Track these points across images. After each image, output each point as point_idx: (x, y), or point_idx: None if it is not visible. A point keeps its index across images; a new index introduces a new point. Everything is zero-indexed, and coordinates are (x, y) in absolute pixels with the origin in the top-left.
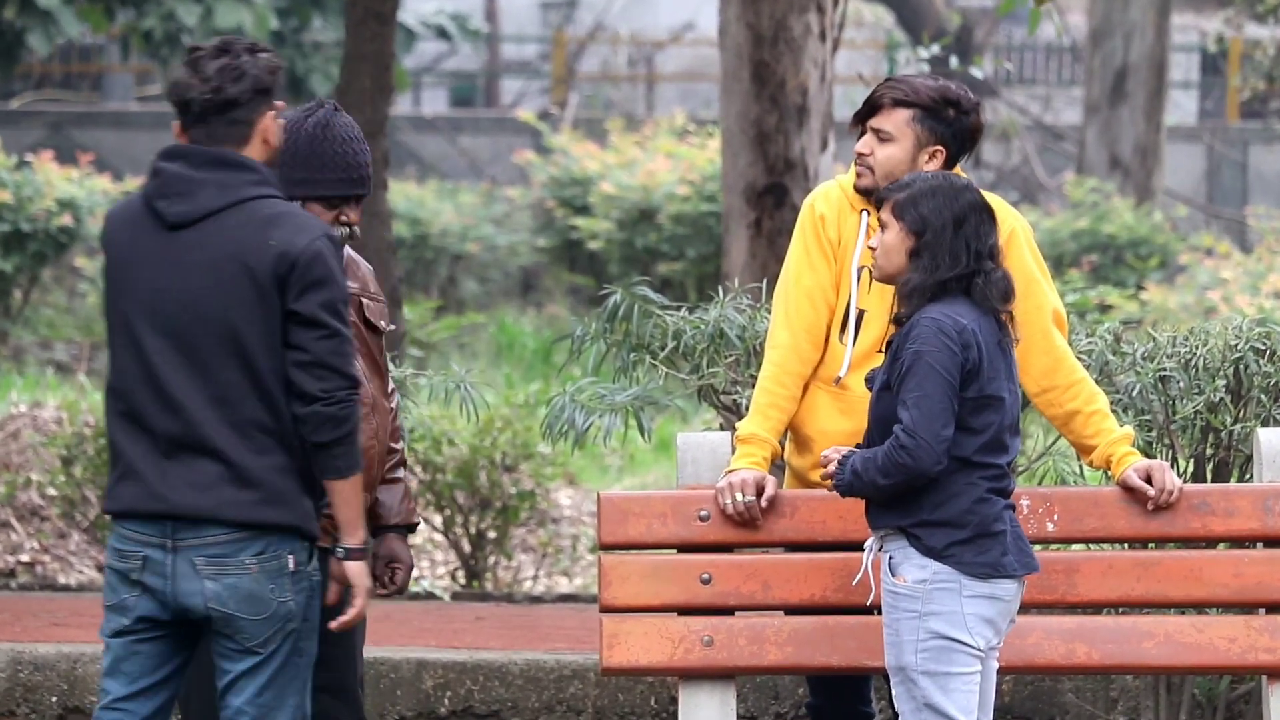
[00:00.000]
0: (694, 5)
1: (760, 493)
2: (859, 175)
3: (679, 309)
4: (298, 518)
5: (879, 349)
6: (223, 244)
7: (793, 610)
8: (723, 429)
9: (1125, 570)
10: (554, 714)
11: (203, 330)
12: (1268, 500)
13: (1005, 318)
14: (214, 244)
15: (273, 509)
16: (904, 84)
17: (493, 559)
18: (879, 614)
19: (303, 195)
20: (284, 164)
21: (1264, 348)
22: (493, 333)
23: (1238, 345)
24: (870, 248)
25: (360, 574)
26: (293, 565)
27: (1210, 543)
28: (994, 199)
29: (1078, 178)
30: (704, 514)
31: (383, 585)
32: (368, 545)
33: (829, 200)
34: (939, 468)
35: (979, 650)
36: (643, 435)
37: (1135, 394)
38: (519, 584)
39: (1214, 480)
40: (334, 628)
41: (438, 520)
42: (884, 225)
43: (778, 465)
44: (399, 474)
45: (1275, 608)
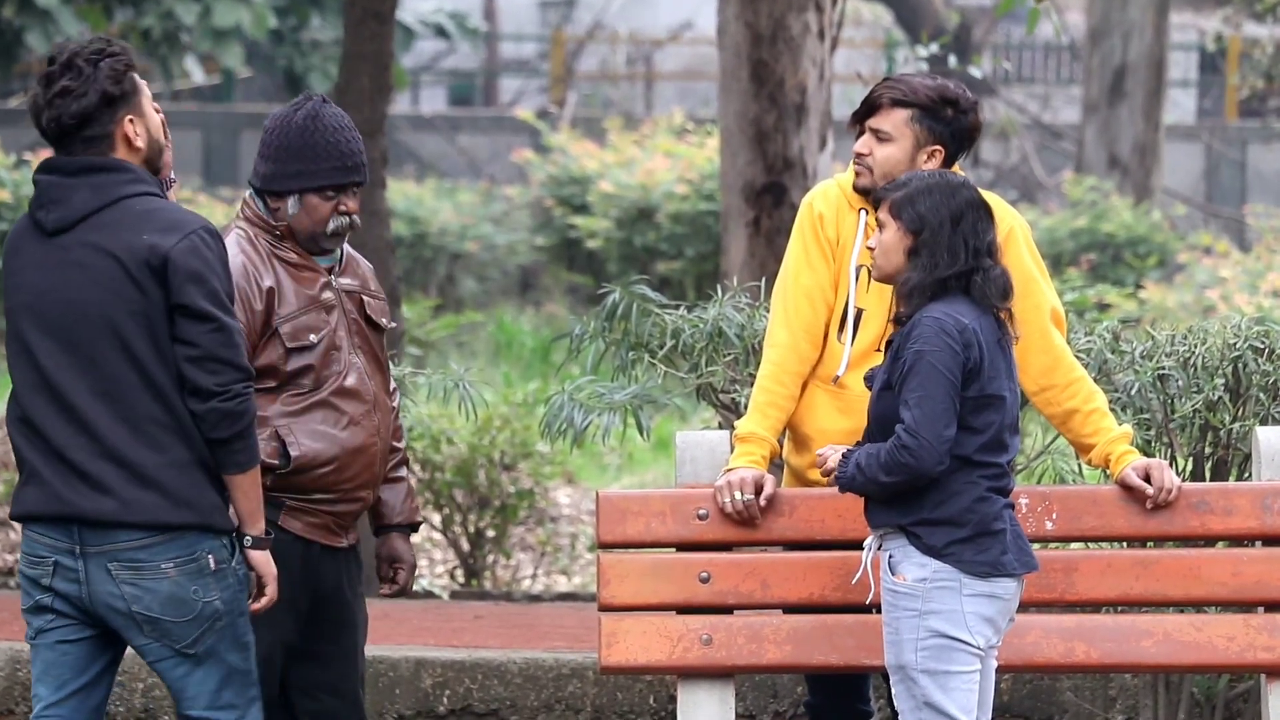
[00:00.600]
0: (692, 4)
1: (759, 491)
2: (858, 175)
3: (677, 308)
4: (204, 516)
5: (877, 348)
6: (98, 243)
7: (791, 609)
8: (721, 427)
9: (1124, 569)
10: (553, 713)
11: (86, 330)
12: (1266, 499)
13: (1004, 316)
14: (90, 244)
15: (178, 509)
16: (902, 83)
17: (491, 558)
18: (878, 613)
19: (299, 188)
20: (278, 158)
21: (1262, 346)
22: (491, 331)
23: (1236, 344)
24: (869, 248)
25: (265, 562)
26: (214, 564)
27: (1209, 541)
28: (992, 198)
29: (1076, 176)
30: (703, 513)
31: (387, 584)
32: (270, 534)
33: (827, 199)
34: (941, 467)
35: (978, 649)
36: (641, 434)
37: (1134, 392)
38: (518, 583)
39: (1213, 479)
40: (254, 610)
41: (436, 519)
42: (881, 225)
43: (776, 464)
44: (401, 473)
45: (1274, 606)
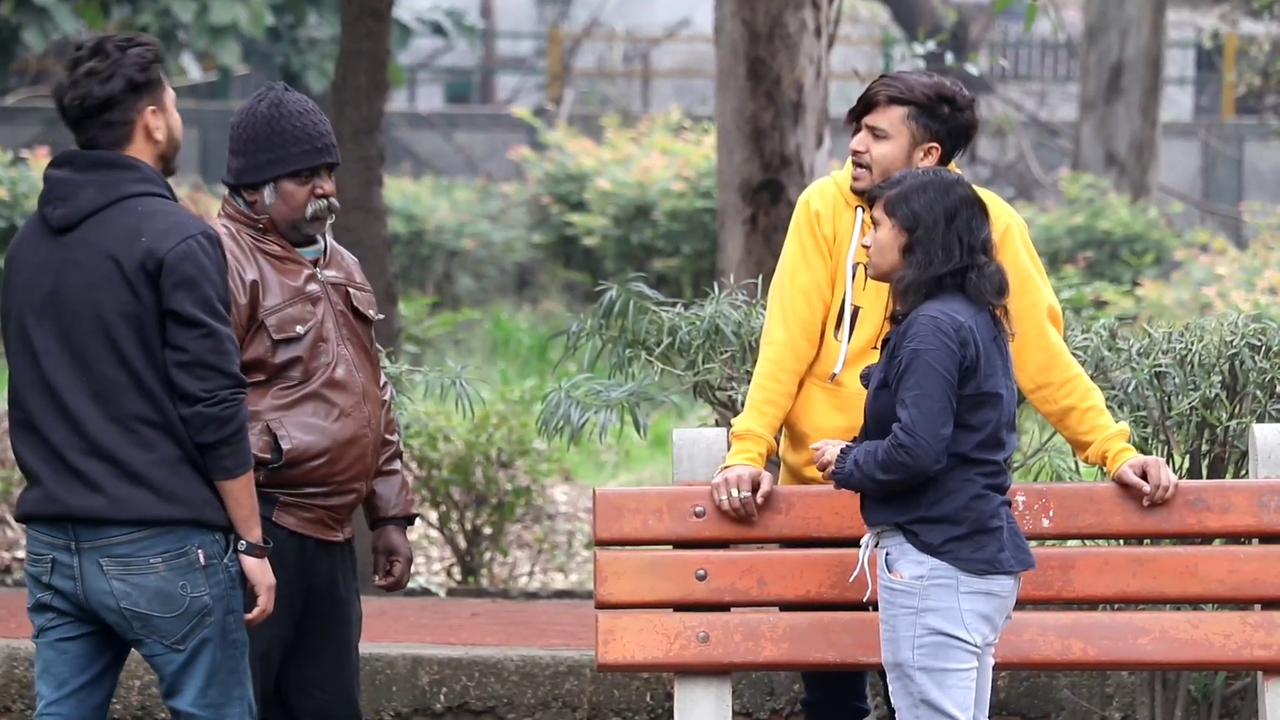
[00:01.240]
0: (690, 2)
1: (756, 489)
2: (856, 179)
3: (674, 305)
4: (195, 510)
5: (874, 345)
6: (99, 242)
7: (788, 606)
8: (718, 425)
9: (1121, 566)
10: (549, 710)
11: (82, 329)
12: (1263, 496)
13: (1000, 313)
14: (92, 243)
15: (167, 505)
16: (899, 81)
17: (488, 555)
18: (875, 610)
19: (274, 175)
20: (248, 150)
21: (1259, 344)
22: (488, 329)
23: (1233, 341)
24: (864, 246)
25: (260, 570)
26: (203, 559)
27: (1205, 538)
28: (989, 195)
29: (1073, 174)
30: (699, 510)
31: (382, 577)
32: (268, 542)
33: (824, 197)
34: (938, 466)
35: (975, 646)
36: (638, 431)
37: (1131, 390)
38: (514, 580)
39: (1209, 476)
40: (247, 622)
41: (433, 516)
42: (876, 223)
43: (773, 461)
44: (395, 466)
45: (1270, 603)
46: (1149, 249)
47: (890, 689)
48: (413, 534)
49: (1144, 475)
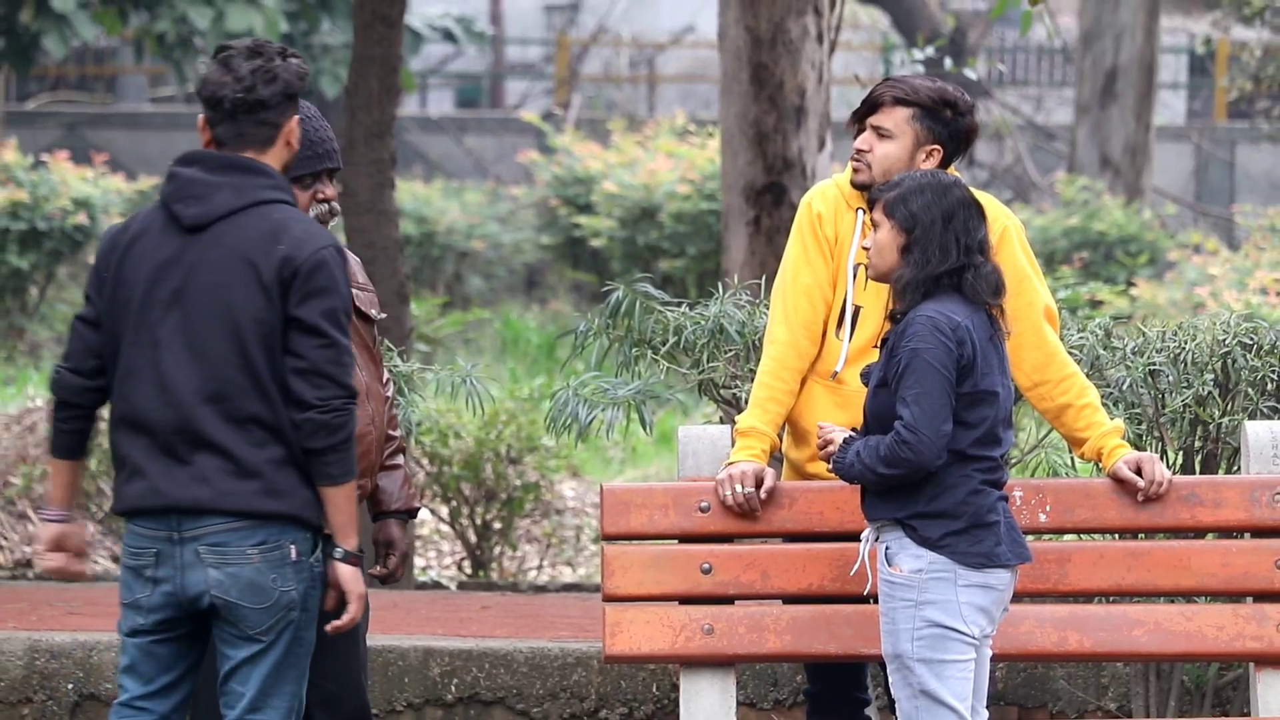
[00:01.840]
0: (694, 8)
1: (759, 484)
2: (856, 170)
3: (680, 305)
4: (297, 507)
5: (874, 344)
6: (234, 245)
7: (791, 599)
8: (723, 422)
9: (1116, 560)
10: (558, 701)
11: (209, 328)
12: (1254, 491)
13: (996, 312)
14: (226, 245)
15: (271, 499)
16: (904, 83)
17: (498, 549)
18: (875, 603)
19: None
20: None
21: (1251, 342)
22: (498, 328)
23: (1225, 340)
24: (864, 248)
25: (354, 578)
26: (294, 555)
27: (1199, 533)
28: (986, 198)
29: (1069, 176)
30: (704, 505)
31: (381, 569)
32: (362, 551)
33: (826, 199)
34: (939, 461)
35: (973, 638)
36: (644, 428)
37: (1125, 388)
38: (524, 574)
39: (1202, 472)
40: (330, 630)
41: (444, 511)
42: (876, 224)
43: (776, 458)
44: (398, 460)
45: (1262, 596)
46: (1143, 250)
47: (890, 680)
48: (424, 529)
49: (1138, 471)
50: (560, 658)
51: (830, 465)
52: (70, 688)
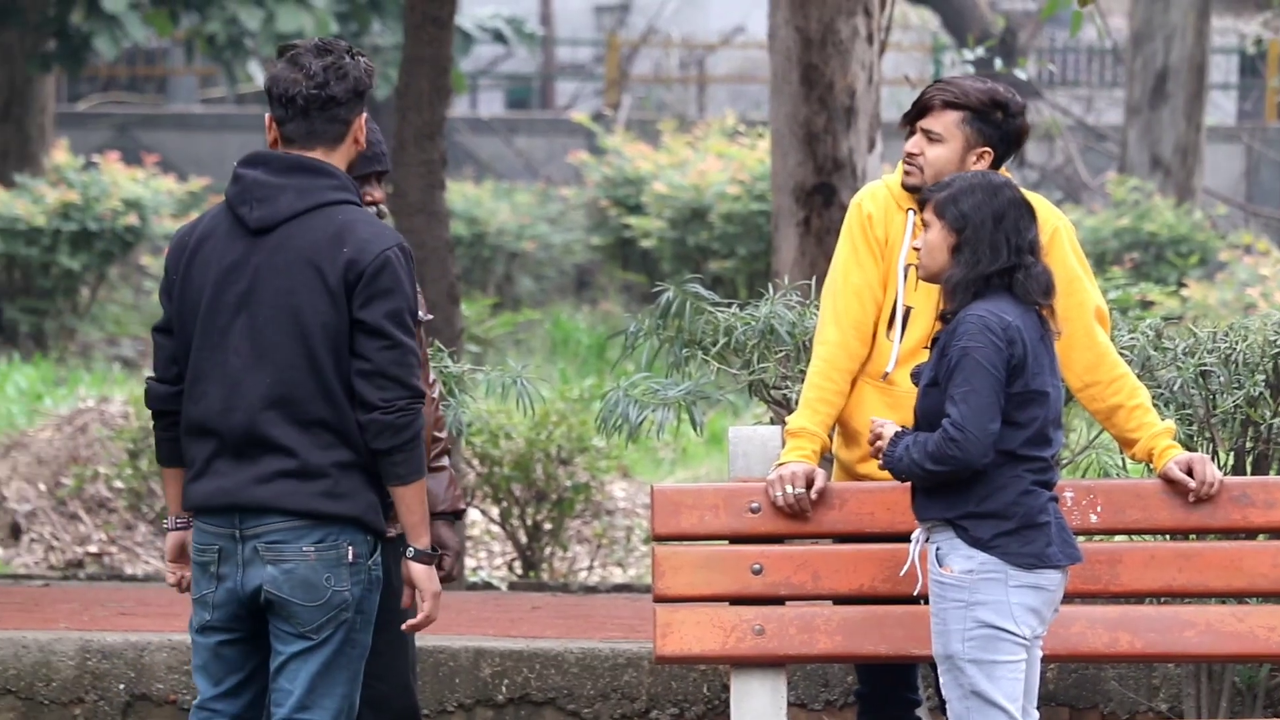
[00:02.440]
0: (744, 9)
1: (810, 485)
2: (908, 174)
3: (730, 306)
4: (358, 510)
5: (925, 345)
6: (299, 248)
7: (842, 600)
8: (773, 423)
9: (1167, 561)
10: (609, 701)
11: (277, 331)
12: None
13: (1046, 312)
14: (292, 247)
15: (332, 501)
16: (954, 86)
17: (548, 550)
18: (926, 604)
19: None
20: None
21: None
22: (548, 329)
23: (1277, 340)
24: (914, 248)
25: (428, 577)
26: (351, 556)
27: (1250, 534)
28: (1037, 198)
29: (1119, 177)
30: (755, 506)
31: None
32: (435, 550)
33: (876, 199)
34: (986, 460)
35: (1024, 639)
36: (695, 429)
37: (1176, 388)
38: (574, 574)
39: (1254, 473)
40: (406, 629)
41: (495, 512)
42: (926, 224)
43: (827, 458)
44: (444, 462)
45: None
46: (1194, 250)
47: (941, 680)
48: (475, 529)
49: (1189, 472)
50: (611, 658)
51: (880, 459)
52: (122, 688)
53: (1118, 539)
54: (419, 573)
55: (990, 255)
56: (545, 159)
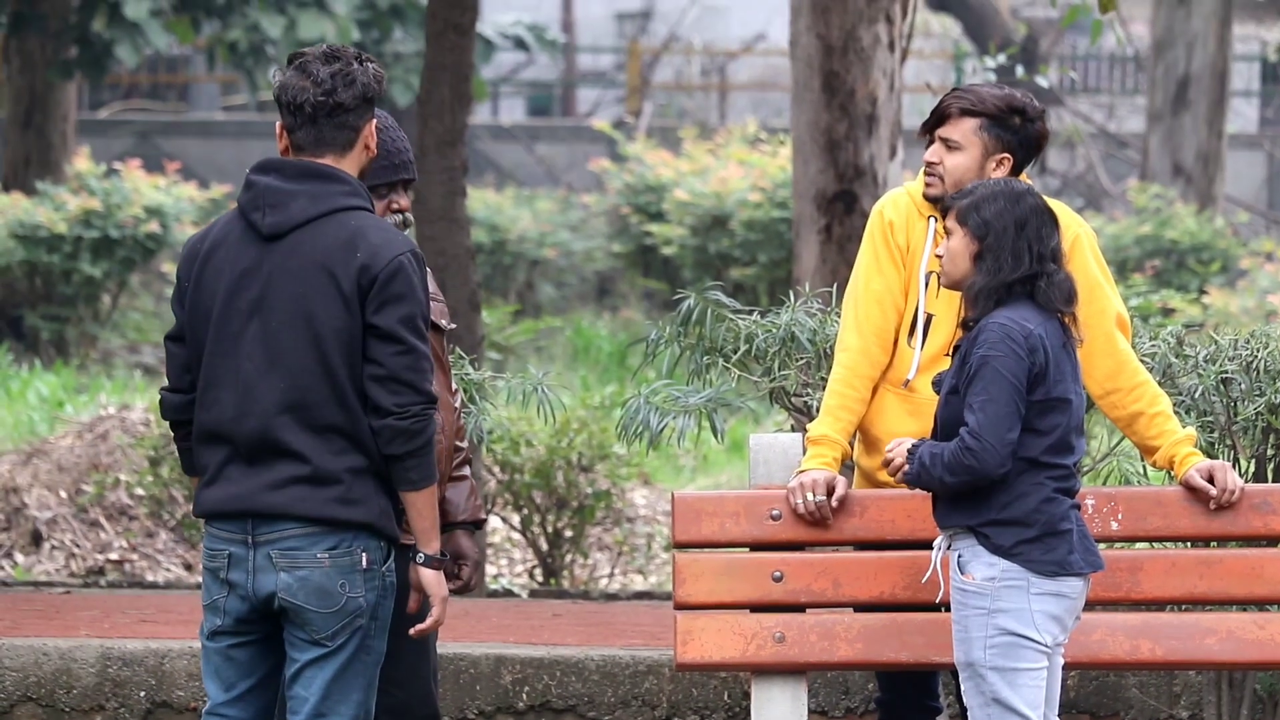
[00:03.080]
0: (765, 16)
1: (831, 492)
2: (928, 184)
3: (751, 313)
4: (372, 516)
5: (946, 353)
6: (312, 254)
7: (863, 607)
8: (794, 430)
9: (1188, 568)
10: (629, 709)
11: (291, 337)
12: None
13: (1068, 320)
14: (304, 254)
15: (346, 507)
16: (971, 93)
17: (569, 557)
18: (947, 611)
19: None
20: None
21: None
22: (569, 336)
23: None
24: (937, 255)
25: (437, 582)
26: (365, 563)
27: (1272, 541)
28: (1058, 205)
29: (1141, 184)
30: (776, 513)
31: (451, 581)
32: (445, 555)
33: (897, 207)
34: (1003, 470)
35: (1046, 646)
36: (716, 436)
37: (1197, 396)
38: (595, 581)
39: (1275, 480)
40: (414, 634)
41: (516, 519)
42: (948, 232)
43: (848, 466)
44: (465, 471)
45: None
46: (1215, 258)
47: (962, 688)
48: (495, 537)
49: (1211, 479)
50: (632, 665)
51: (901, 480)
52: (142, 695)
53: (1139, 546)
54: (429, 578)
55: (1012, 263)
56: (566, 166)
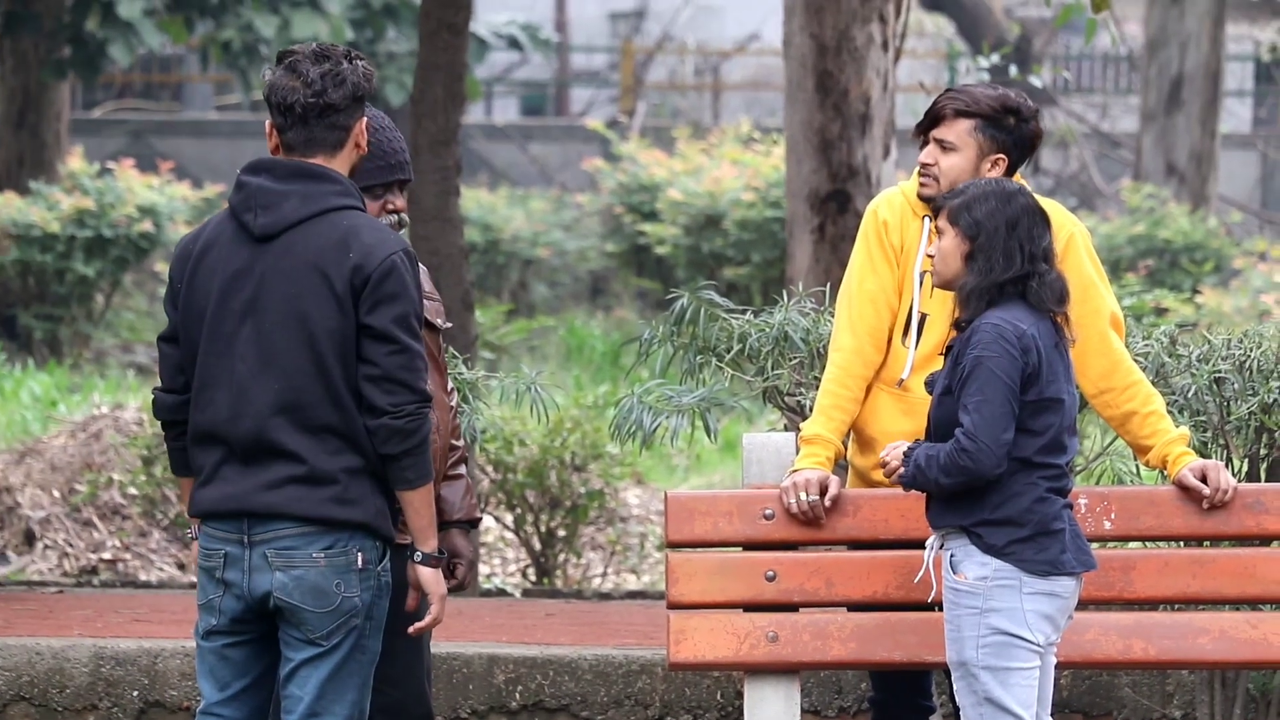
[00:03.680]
0: (759, 16)
1: (824, 492)
2: (923, 185)
3: (744, 313)
4: (368, 516)
5: (940, 352)
6: (305, 255)
7: (855, 607)
8: (787, 430)
9: (1181, 567)
10: (622, 708)
11: (284, 338)
12: None
13: (1061, 319)
14: (297, 254)
15: (342, 507)
16: (964, 94)
17: (562, 557)
18: (940, 610)
19: None
20: None
21: None
22: (562, 336)
23: None
24: (929, 255)
25: (434, 580)
26: (361, 563)
27: (1264, 540)
28: (1052, 205)
29: (1134, 184)
30: (769, 513)
31: (450, 579)
32: (443, 553)
33: (891, 206)
34: (999, 470)
35: (1038, 646)
36: (709, 436)
37: (1190, 395)
38: (588, 581)
39: (1268, 479)
40: (412, 632)
41: (509, 519)
42: (940, 232)
43: (841, 465)
44: (460, 470)
45: None
46: (1208, 257)
47: (955, 687)
48: (488, 536)
49: (1204, 479)
50: (624, 665)
51: (898, 484)
52: (135, 695)
53: (1132, 546)
54: (426, 576)
55: (1004, 263)
56: (560, 166)
